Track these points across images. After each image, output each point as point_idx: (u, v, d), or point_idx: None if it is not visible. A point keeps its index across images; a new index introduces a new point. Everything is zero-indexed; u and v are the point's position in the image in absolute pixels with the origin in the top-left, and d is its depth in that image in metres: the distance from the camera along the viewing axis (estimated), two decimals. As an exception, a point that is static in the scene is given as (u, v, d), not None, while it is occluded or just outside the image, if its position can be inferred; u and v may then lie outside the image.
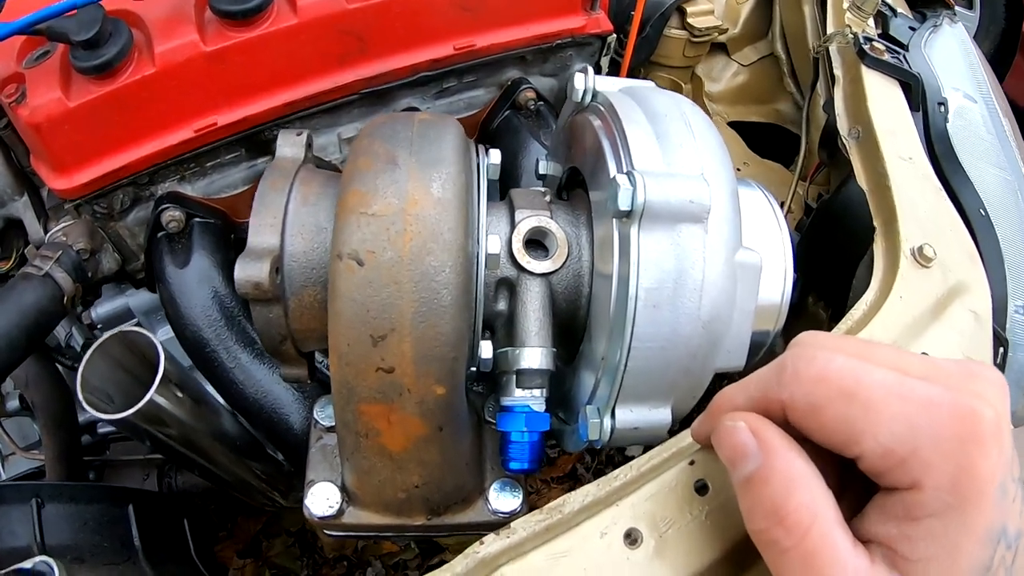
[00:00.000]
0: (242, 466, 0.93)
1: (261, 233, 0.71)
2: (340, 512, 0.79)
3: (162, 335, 1.04)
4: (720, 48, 1.22)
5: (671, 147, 0.69)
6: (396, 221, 0.64)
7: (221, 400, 0.95)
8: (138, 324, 1.04)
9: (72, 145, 0.89)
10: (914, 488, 0.43)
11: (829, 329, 1.06)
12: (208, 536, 1.09)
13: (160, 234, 0.92)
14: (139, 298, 1.03)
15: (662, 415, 0.70)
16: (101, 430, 1.09)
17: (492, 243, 0.68)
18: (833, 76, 0.99)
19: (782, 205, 1.07)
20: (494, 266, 0.69)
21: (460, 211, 0.65)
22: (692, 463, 0.68)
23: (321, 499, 0.79)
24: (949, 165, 0.95)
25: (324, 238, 0.72)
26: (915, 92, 0.98)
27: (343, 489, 0.79)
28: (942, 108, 0.99)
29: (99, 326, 1.04)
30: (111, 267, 0.95)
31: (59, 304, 0.90)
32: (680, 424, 0.73)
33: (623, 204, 0.63)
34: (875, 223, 0.90)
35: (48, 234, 0.92)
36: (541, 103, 0.98)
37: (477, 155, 0.74)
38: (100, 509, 0.90)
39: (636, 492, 0.66)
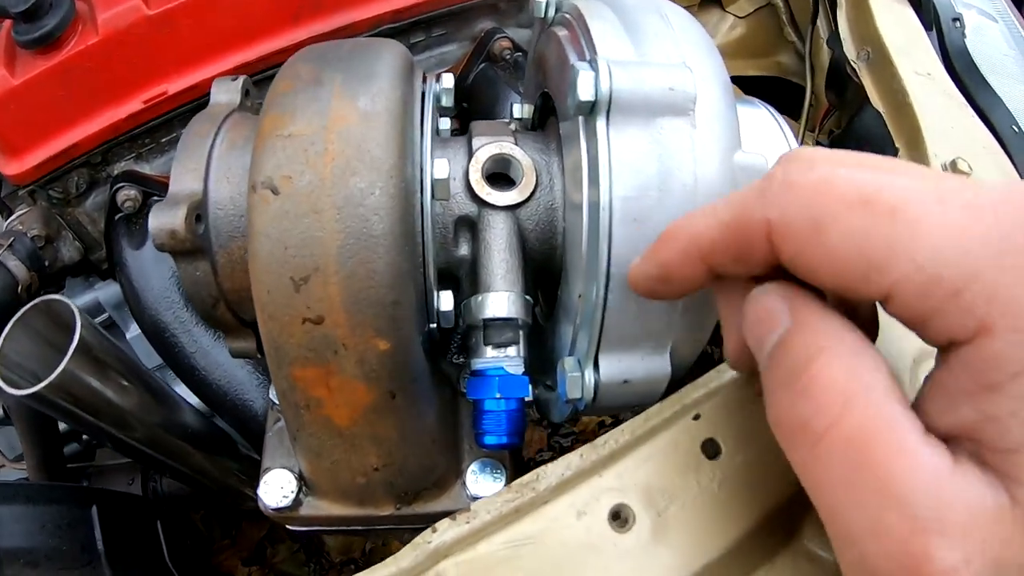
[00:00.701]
0: (211, 463, 0.76)
1: (181, 179, 0.55)
2: (297, 503, 0.61)
3: (134, 330, 0.88)
4: (714, 1, 1.04)
5: (644, 37, 0.51)
6: (316, 140, 0.47)
7: (196, 399, 0.78)
8: (110, 319, 0.89)
9: (20, 125, 0.75)
10: (981, 334, 0.25)
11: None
12: (189, 539, 0.91)
13: (117, 216, 0.76)
14: (108, 291, 0.88)
15: (659, 364, 0.51)
16: (85, 436, 0.93)
17: (439, 167, 0.50)
18: (834, 1, 0.79)
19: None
20: (443, 195, 0.51)
21: (392, 126, 0.48)
22: (697, 417, 0.49)
23: (275, 488, 0.61)
24: (973, 81, 0.75)
25: (250, 180, 0.55)
26: (926, 8, 0.78)
27: (300, 477, 0.61)
28: (957, 24, 0.79)
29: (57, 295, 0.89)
30: (72, 256, 0.80)
31: (13, 293, 0.75)
32: (686, 376, 0.53)
33: (584, 93, 0.45)
34: (897, 145, 0.69)
35: (4, 224, 0.77)
36: (519, 54, 0.81)
37: (425, 80, 0.57)
38: (60, 511, 0.73)
39: (625, 458, 0.46)
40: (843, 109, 0.86)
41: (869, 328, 0.34)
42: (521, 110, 0.69)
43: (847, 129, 0.78)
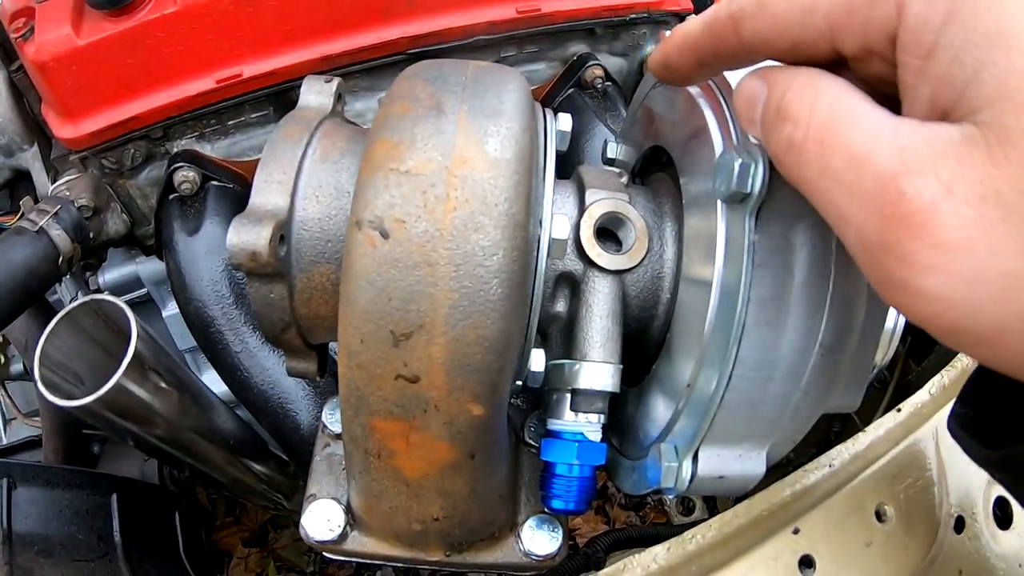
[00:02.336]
0: (239, 467, 0.71)
1: (266, 191, 0.49)
2: (342, 536, 0.56)
3: (172, 309, 0.81)
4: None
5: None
6: (436, 183, 0.41)
7: (223, 388, 0.72)
8: (147, 295, 0.82)
9: (80, 88, 0.67)
10: (900, 12, 0.27)
11: (909, 371, 0.81)
12: (203, 528, 0.86)
13: (171, 196, 0.70)
14: (149, 267, 0.81)
15: (755, 463, 0.47)
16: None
17: (559, 225, 0.45)
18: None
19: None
20: (559, 255, 0.46)
21: (522, 178, 0.42)
22: (797, 531, 0.44)
23: (321, 519, 0.56)
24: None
25: (345, 204, 0.49)
26: None
27: (348, 510, 0.56)
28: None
29: (105, 293, 0.82)
30: (118, 229, 0.73)
31: (53, 264, 0.68)
32: (769, 473, 0.49)
33: (742, 185, 0.40)
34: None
35: (51, 188, 0.70)
36: (609, 83, 0.75)
37: (544, 118, 0.51)
38: (79, 496, 0.68)
39: (726, 569, 0.42)
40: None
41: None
42: (616, 150, 0.64)
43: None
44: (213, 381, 0.76)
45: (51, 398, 0.50)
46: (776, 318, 0.42)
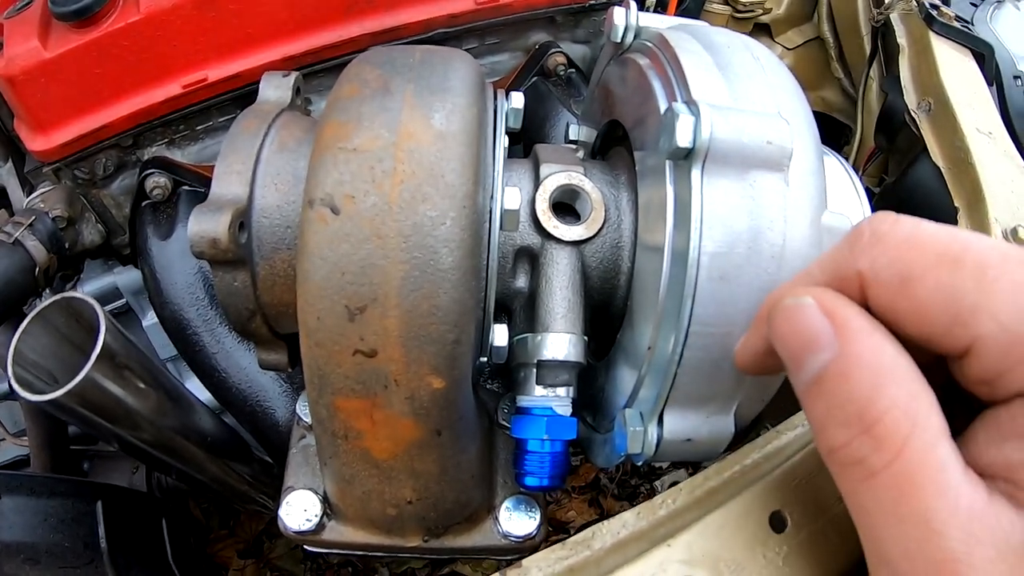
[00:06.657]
0: (223, 468, 0.71)
1: (225, 181, 0.49)
2: (320, 527, 0.56)
3: (151, 318, 0.82)
4: (763, 30, 0.99)
5: (737, 80, 0.46)
6: (384, 158, 0.42)
7: (208, 395, 0.73)
8: (127, 305, 0.83)
9: (50, 101, 0.68)
10: None
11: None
12: (193, 538, 0.86)
13: (144, 203, 0.70)
14: (127, 276, 0.82)
15: (723, 424, 0.47)
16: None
17: (510, 196, 0.45)
18: (897, 46, 0.75)
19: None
20: (511, 227, 0.46)
21: (468, 149, 0.43)
22: (765, 489, 0.44)
23: (298, 510, 0.56)
24: (1032, 142, 0.70)
25: (302, 190, 0.49)
26: (989, 63, 0.74)
27: (325, 500, 0.56)
28: (1019, 82, 0.75)
29: (78, 291, 0.83)
30: (93, 239, 0.74)
31: (30, 275, 0.68)
32: (740, 435, 0.49)
33: (682, 139, 0.40)
34: (956, 204, 0.65)
35: (26, 200, 0.71)
36: (572, 70, 0.76)
37: (495, 97, 0.52)
38: (64, 504, 0.68)
39: (692, 528, 0.42)
40: (892, 155, 0.81)
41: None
42: (578, 132, 0.64)
43: (901, 179, 0.74)
44: (197, 388, 0.77)
45: (23, 394, 0.50)
46: (729, 272, 0.42)
